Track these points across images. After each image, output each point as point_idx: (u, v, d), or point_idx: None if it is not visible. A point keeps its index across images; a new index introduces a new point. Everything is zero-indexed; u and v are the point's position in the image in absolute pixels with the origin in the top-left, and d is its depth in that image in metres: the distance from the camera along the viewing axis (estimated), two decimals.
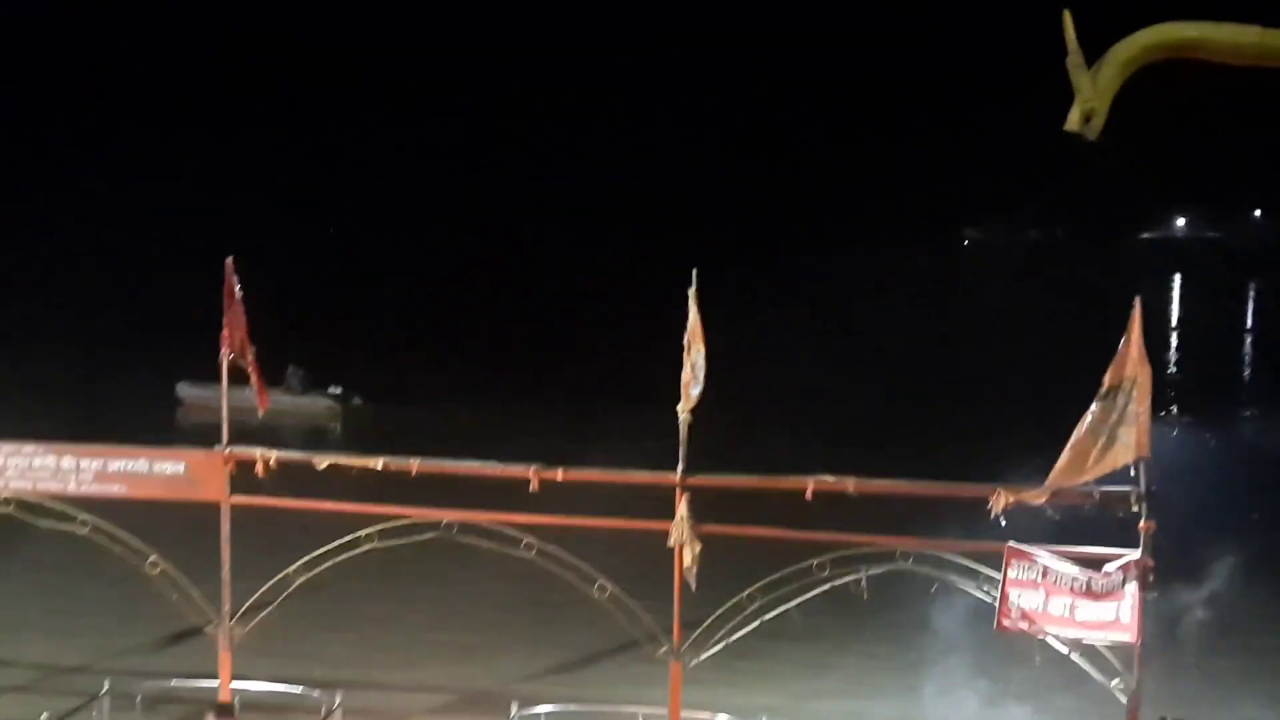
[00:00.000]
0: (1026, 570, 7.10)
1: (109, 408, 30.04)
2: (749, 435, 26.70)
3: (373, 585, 17.38)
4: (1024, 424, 18.31)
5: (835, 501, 7.61)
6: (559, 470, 7.80)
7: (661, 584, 7.78)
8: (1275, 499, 24.32)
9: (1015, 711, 13.61)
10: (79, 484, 7.98)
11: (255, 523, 8.49)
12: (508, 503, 8.13)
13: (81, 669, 14.19)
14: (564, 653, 15.64)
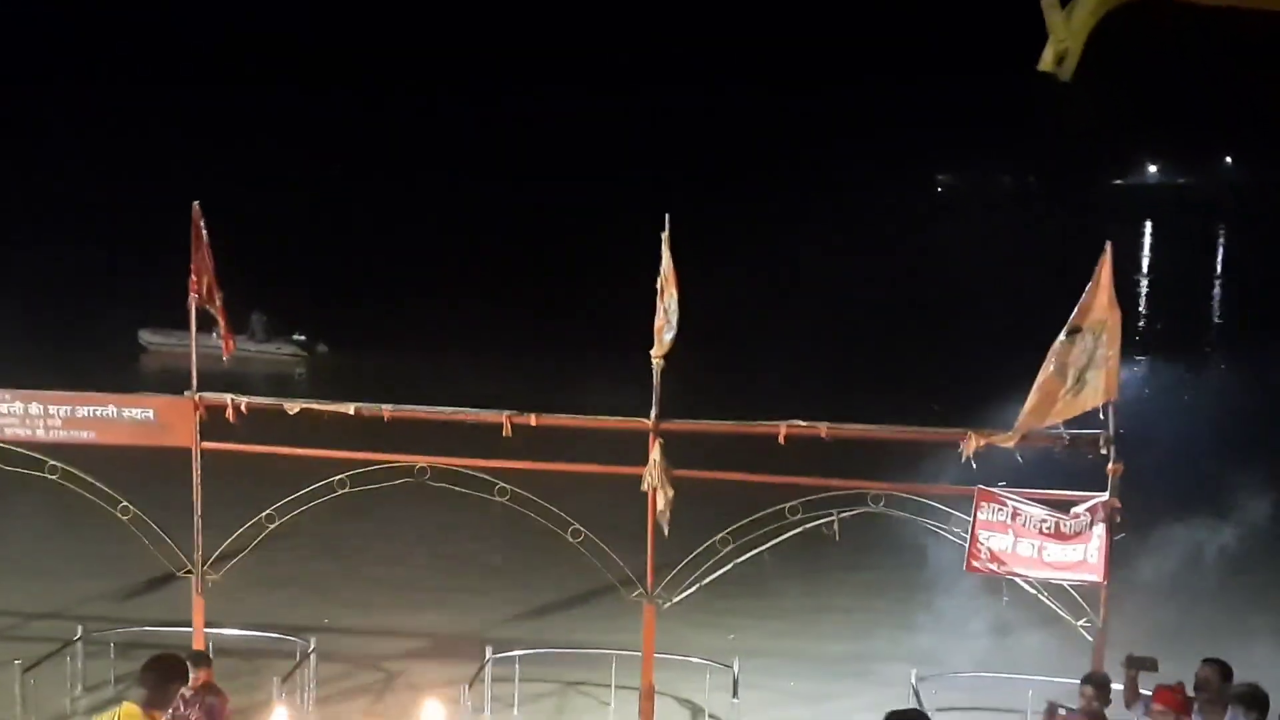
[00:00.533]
0: (996, 512, 7.18)
1: (70, 354, 29.72)
2: (722, 381, 26.82)
3: (346, 532, 17.43)
4: (996, 368, 18.41)
5: (808, 446, 7.65)
6: (531, 415, 7.80)
7: (635, 529, 7.81)
8: (1244, 441, 24.65)
9: (984, 651, 13.84)
10: (48, 430, 7.91)
11: (226, 469, 8.45)
12: (480, 449, 8.11)
13: (54, 615, 14.17)
14: (538, 597, 15.75)
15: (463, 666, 12.21)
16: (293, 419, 8.10)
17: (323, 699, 12.18)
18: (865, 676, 13.24)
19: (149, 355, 36.33)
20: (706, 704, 12.16)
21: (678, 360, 7.77)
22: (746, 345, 34.81)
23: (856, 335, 38.83)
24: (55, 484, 8.19)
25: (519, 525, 9.53)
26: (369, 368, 30.99)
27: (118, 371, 26.65)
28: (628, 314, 13.17)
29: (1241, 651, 8.86)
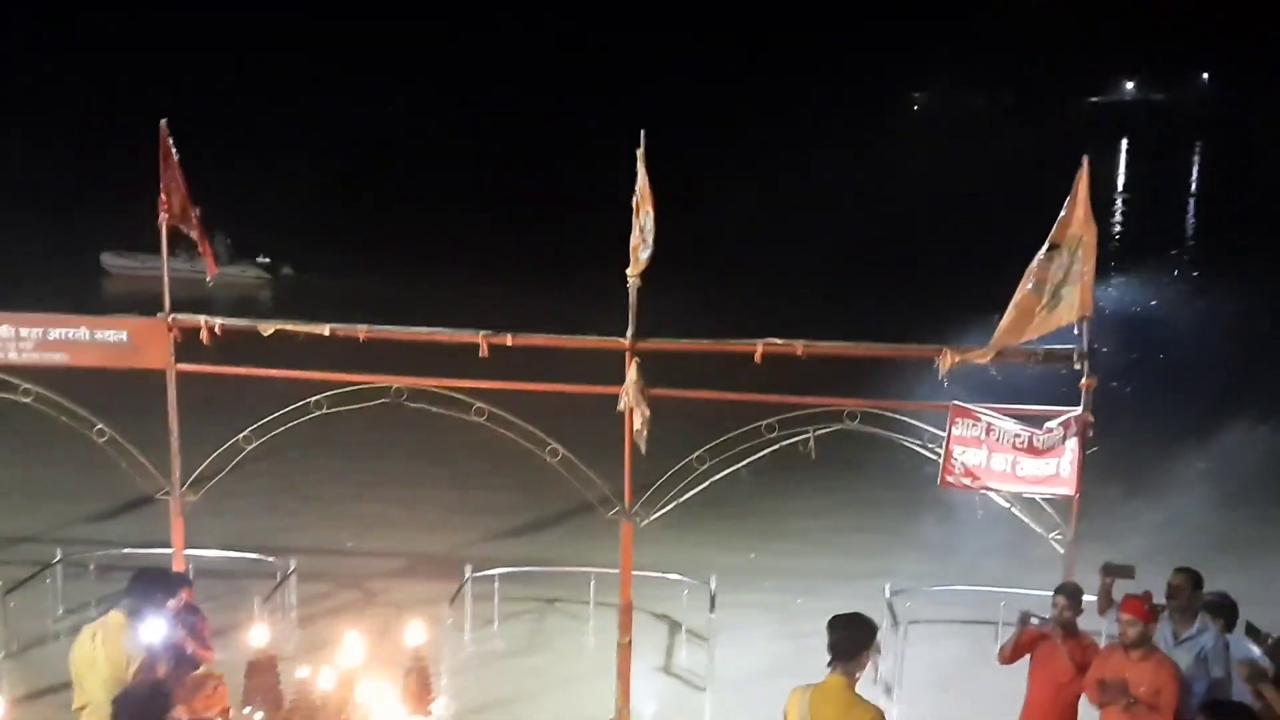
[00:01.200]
0: (970, 428, 7.24)
1: (28, 278, 29.33)
2: (698, 300, 26.82)
3: (323, 454, 17.45)
4: (972, 286, 18.50)
5: (784, 364, 7.66)
6: (507, 335, 7.76)
7: (612, 449, 7.85)
8: (1219, 353, 24.92)
9: (957, 565, 14.07)
10: (19, 353, 7.82)
11: (201, 391, 8.42)
12: (457, 370, 8.09)
13: (32, 539, 14.19)
14: (517, 517, 15.88)
15: (443, 585, 12.33)
16: (266, 342, 8.03)
17: (305, 618, 12.29)
18: (840, 591, 13.43)
19: (111, 279, 35.92)
20: (684, 619, 12.34)
21: (655, 281, 7.75)
22: (724, 266, 34.78)
23: (833, 255, 38.84)
24: (29, 408, 8.12)
25: (497, 446, 9.54)
26: (336, 290, 30.70)
27: (80, 296, 26.35)
28: (605, 234, 13.13)
29: (1212, 563, 9.06)
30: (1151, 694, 6.56)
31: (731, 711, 10.50)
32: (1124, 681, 6.58)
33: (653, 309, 7.75)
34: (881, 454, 12.41)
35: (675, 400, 7.83)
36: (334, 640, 11.31)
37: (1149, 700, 6.56)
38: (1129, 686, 6.61)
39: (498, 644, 12.19)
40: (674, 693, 11.09)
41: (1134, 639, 6.66)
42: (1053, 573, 7.65)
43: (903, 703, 10.69)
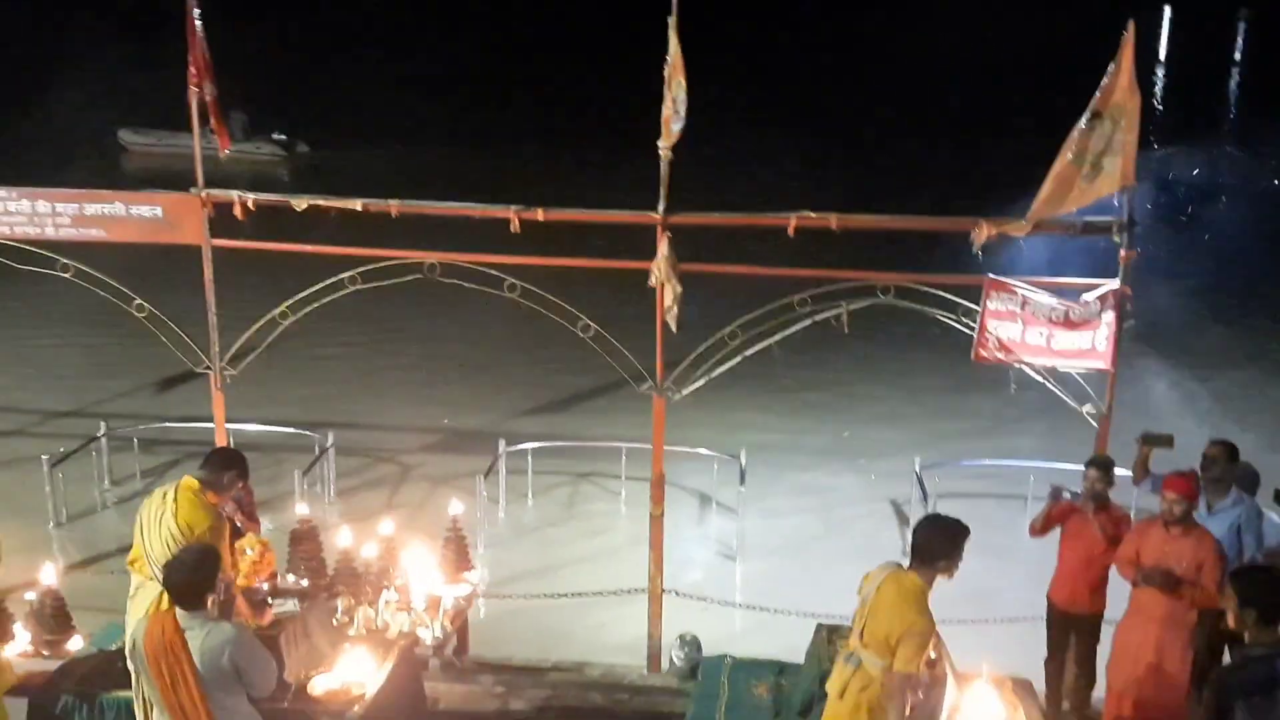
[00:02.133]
0: (1005, 301, 7.17)
1: (46, 156, 29.31)
2: (731, 174, 26.53)
3: (358, 331, 17.60)
4: (1011, 157, 18.17)
5: (818, 238, 7.58)
6: (539, 210, 7.70)
7: (644, 325, 7.84)
8: (1258, 231, 24.51)
9: (989, 440, 14.14)
10: (56, 228, 7.85)
11: (235, 268, 8.46)
12: (489, 246, 8.08)
13: (77, 414, 14.52)
14: (549, 393, 16.03)
15: (477, 459, 12.56)
16: (297, 219, 8.01)
17: (343, 491, 12.59)
18: (870, 466, 13.60)
19: (129, 155, 35.77)
20: (715, 493, 12.53)
21: (686, 157, 7.65)
22: (756, 143, 34.24)
23: (868, 130, 38.13)
24: (69, 286, 8.20)
25: (529, 323, 9.58)
26: (353, 167, 30.29)
27: (99, 173, 26.35)
28: (636, 107, 12.93)
29: (1243, 435, 9.07)
30: (1193, 570, 6.60)
31: (761, 581, 10.73)
32: (1166, 570, 6.61)
33: (683, 181, 7.66)
34: (914, 329, 12.43)
35: (707, 276, 7.79)
36: (373, 511, 11.64)
37: (1189, 577, 6.60)
38: (1169, 562, 6.66)
39: (531, 516, 12.45)
40: (705, 563, 11.34)
41: (1178, 516, 6.69)
42: (1085, 447, 7.66)
43: None
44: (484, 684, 7.97)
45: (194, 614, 5.17)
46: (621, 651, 8.73)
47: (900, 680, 5.51)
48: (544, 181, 24.01)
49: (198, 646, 5.12)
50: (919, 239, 8.26)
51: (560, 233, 7.82)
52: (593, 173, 27.05)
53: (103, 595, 9.19)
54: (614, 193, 7.90)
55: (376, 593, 7.62)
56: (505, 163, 31.30)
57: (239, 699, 5.28)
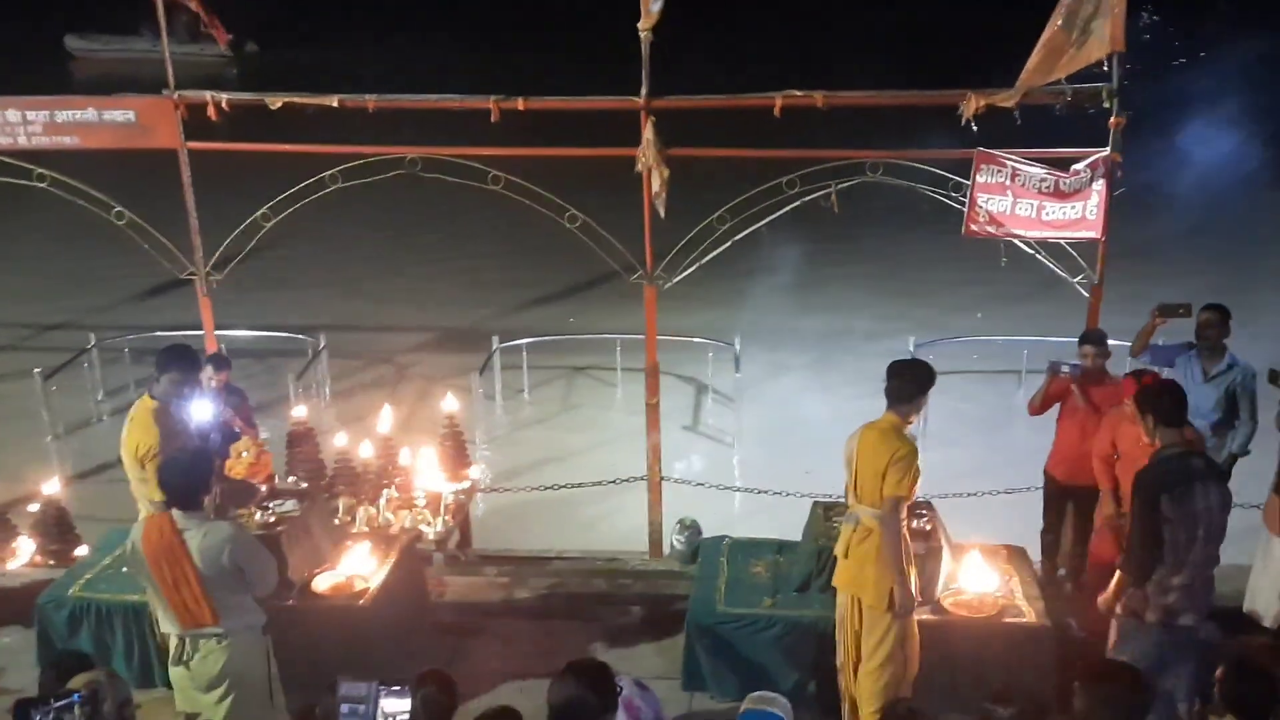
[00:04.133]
0: (995, 174, 7.07)
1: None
2: (714, 56, 26.06)
3: (342, 231, 17.45)
4: (997, 28, 17.85)
5: (804, 118, 7.45)
6: (519, 100, 7.54)
7: (631, 214, 7.75)
8: (1244, 92, 24.17)
9: (982, 316, 14.17)
10: (29, 137, 7.68)
11: (212, 171, 8.32)
12: (467, 140, 7.93)
13: (65, 326, 14.47)
14: (540, 288, 16.00)
15: (471, 357, 12.58)
16: (268, 120, 7.83)
17: (338, 393, 12.61)
18: (864, 347, 13.62)
19: (77, 62, 35.02)
20: (710, 380, 12.58)
21: (666, 41, 7.48)
22: (739, 16, 33.54)
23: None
24: (46, 197, 8.07)
25: (514, 218, 9.48)
26: (306, 65, 29.39)
27: (48, 82, 25.71)
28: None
29: (1241, 299, 9.06)
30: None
31: (759, 465, 10.81)
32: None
33: (664, 65, 7.50)
34: (905, 205, 12.30)
35: (693, 160, 7.67)
36: (368, 412, 11.66)
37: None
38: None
39: (528, 411, 12.50)
40: (703, 450, 11.43)
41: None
42: (1078, 320, 7.65)
43: (928, 452, 10.95)
44: (488, 575, 8.07)
45: (191, 514, 5.19)
46: (623, 539, 8.84)
47: (891, 505, 5.63)
48: (525, 76, 23.59)
49: (196, 546, 5.16)
50: (905, 115, 8.12)
51: (544, 124, 7.67)
52: (574, 65, 26.51)
53: (103, 504, 9.27)
54: (597, 81, 7.72)
55: (376, 491, 7.68)
56: (475, 56, 30.56)
57: (242, 597, 5.34)
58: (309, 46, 33.36)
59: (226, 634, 5.34)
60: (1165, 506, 5.27)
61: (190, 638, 5.36)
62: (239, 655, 5.40)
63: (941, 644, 6.12)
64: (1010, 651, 6.19)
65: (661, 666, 6.84)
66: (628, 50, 7.35)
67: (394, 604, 6.71)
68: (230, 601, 5.28)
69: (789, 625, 6.44)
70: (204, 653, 5.35)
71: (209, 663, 5.36)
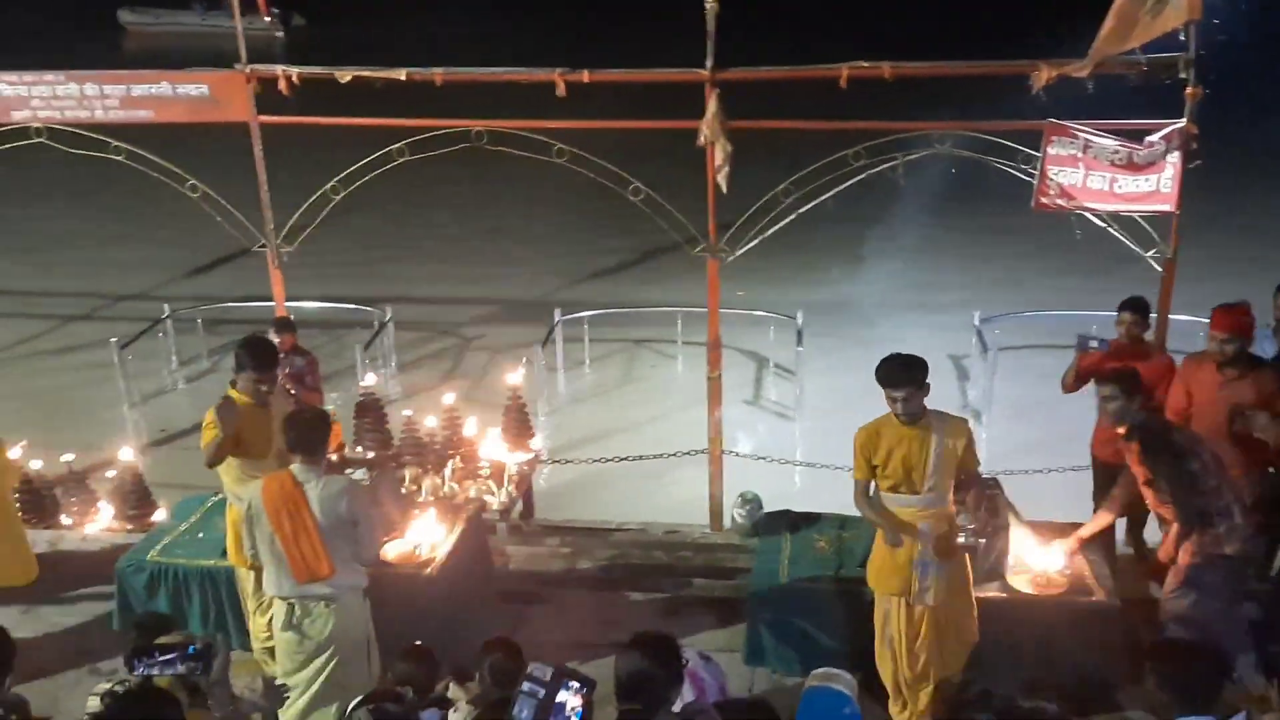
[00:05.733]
0: (1067, 146, 6.95)
1: (47, 39, 29.07)
2: (779, 28, 25.83)
3: (408, 204, 17.60)
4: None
5: (870, 89, 7.37)
6: (584, 72, 7.54)
7: (695, 187, 7.73)
8: None
9: (1050, 291, 13.96)
10: (105, 110, 7.84)
11: (282, 145, 8.43)
12: (531, 113, 7.96)
13: (140, 296, 14.78)
14: (602, 261, 16.03)
15: (533, 329, 12.66)
16: (331, 93, 7.90)
17: (404, 365, 12.77)
18: (928, 321, 13.50)
19: (129, 35, 35.54)
20: (772, 354, 12.55)
21: (731, 7, 7.42)
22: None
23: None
24: (121, 169, 8.24)
25: (578, 190, 9.51)
26: (354, 39, 29.44)
27: (101, 55, 26.11)
28: None
29: None
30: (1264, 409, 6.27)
31: (819, 438, 10.76)
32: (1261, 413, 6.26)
33: (730, 37, 7.45)
34: (973, 178, 12.15)
35: (758, 133, 7.62)
36: (433, 383, 11.81)
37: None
38: (1223, 407, 6.40)
39: (589, 383, 12.57)
40: (764, 423, 11.42)
41: (1230, 357, 6.40)
42: (1150, 295, 7.50)
43: (990, 427, 10.88)
44: (550, 545, 8.15)
45: (310, 468, 5.40)
46: (683, 512, 8.87)
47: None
48: (583, 48, 23.55)
49: (316, 496, 5.37)
50: (974, 87, 8.01)
51: (599, 97, 7.67)
52: (622, 36, 26.40)
53: (178, 471, 9.50)
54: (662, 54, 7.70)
55: (442, 461, 7.78)
56: (530, 34, 30.47)
57: (352, 555, 5.52)
58: (356, 20, 33.49)
59: (334, 596, 5.52)
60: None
61: (300, 602, 5.54)
62: (345, 618, 5.59)
63: (1008, 622, 6.08)
64: (1078, 630, 6.14)
65: (723, 640, 6.87)
66: (684, 21, 7.30)
67: (459, 573, 6.81)
68: (343, 554, 5.46)
69: (853, 600, 6.43)
70: (314, 616, 5.55)
71: (319, 625, 5.56)
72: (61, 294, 15.07)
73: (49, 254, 16.93)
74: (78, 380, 12.37)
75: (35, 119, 7.92)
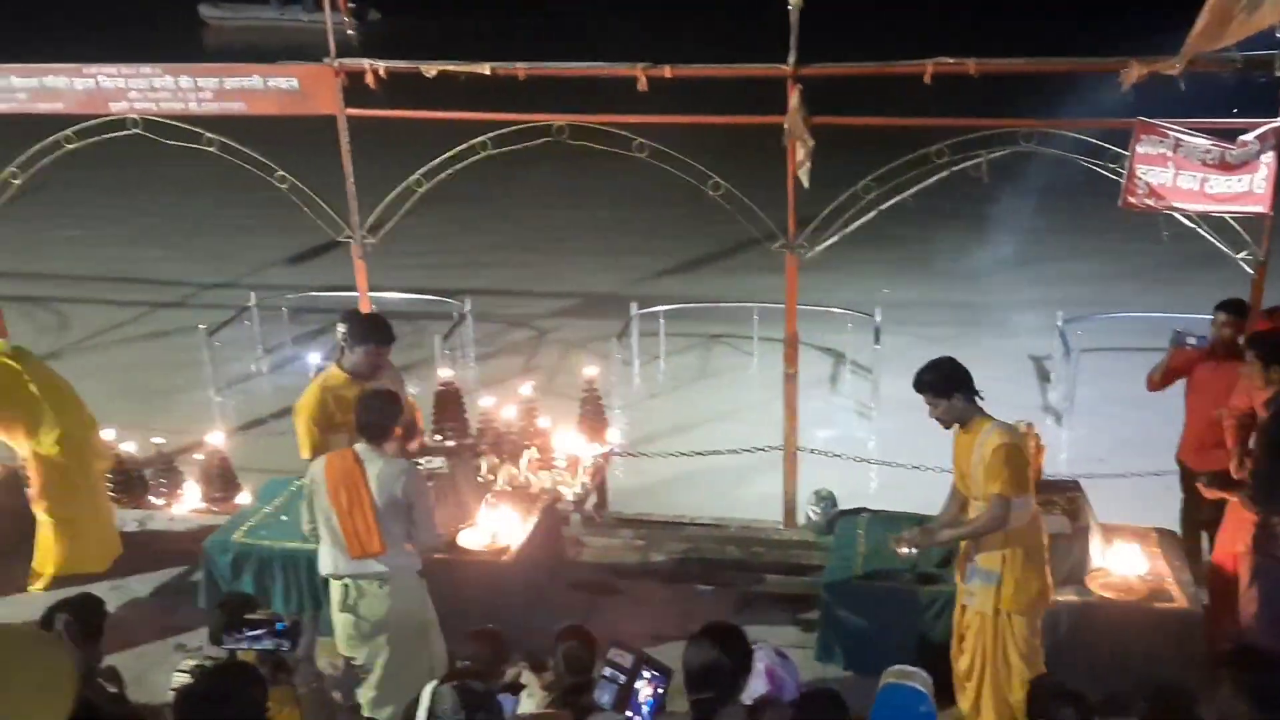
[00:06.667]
0: (1156, 145, 6.81)
1: (127, 33, 29.66)
2: (860, 25, 25.59)
3: (488, 196, 17.76)
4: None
5: (955, 86, 7.29)
6: (666, 68, 7.57)
7: (774, 183, 7.72)
8: None
9: (1135, 292, 13.70)
10: (199, 103, 8.05)
11: (367, 137, 8.58)
12: (611, 108, 8.00)
13: (227, 285, 15.14)
14: (679, 255, 16.04)
15: (609, 323, 12.72)
16: (412, 87, 8.01)
17: (482, 356, 12.91)
18: (1010, 320, 13.32)
19: (209, 30, 36.24)
20: (849, 351, 12.47)
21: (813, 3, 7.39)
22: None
23: None
24: (210, 162, 8.45)
25: (657, 184, 9.53)
26: (430, 33, 29.64)
27: (181, 49, 26.64)
28: None
29: None
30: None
31: (895, 437, 10.68)
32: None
33: (811, 32, 7.42)
34: (1059, 177, 11.95)
35: (839, 129, 7.58)
36: (511, 375, 11.92)
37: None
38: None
39: (665, 377, 12.61)
40: (840, 422, 11.36)
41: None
42: (1238, 296, 7.33)
43: (1071, 429, 10.71)
44: (624, 537, 8.20)
45: (373, 449, 5.55)
46: (756, 508, 8.86)
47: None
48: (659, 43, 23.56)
49: (375, 474, 5.51)
50: (1060, 85, 7.89)
51: (674, 92, 7.69)
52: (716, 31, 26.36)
53: (261, 455, 9.73)
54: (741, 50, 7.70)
55: (518, 452, 7.87)
56: (602, 27, 30.51)
57: (405, 531, 5.64)
58: (433, 15, 33.80)
59: (388, 576, 5.63)
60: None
61: (354, 583, 5.66)
62: (401, 598, 5.70)
63: (1085, 627, 6.01)
64: (1157, 637, 6.04)
65: (795, 636, 6.87)
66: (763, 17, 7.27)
67: (534, 562, 6.89)
68: (395, 531, 5.58)
69: (928, 600, 6.39)
70: (369, 596, 5.66)
71: (374, 606, 5.67)
72: (154, 281, 15.50)
73: (142, 243, 17.42)
74: (167, 365, 12.71)
75: (132, 110, 8.14)
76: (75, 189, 17.63)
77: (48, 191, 12.82)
